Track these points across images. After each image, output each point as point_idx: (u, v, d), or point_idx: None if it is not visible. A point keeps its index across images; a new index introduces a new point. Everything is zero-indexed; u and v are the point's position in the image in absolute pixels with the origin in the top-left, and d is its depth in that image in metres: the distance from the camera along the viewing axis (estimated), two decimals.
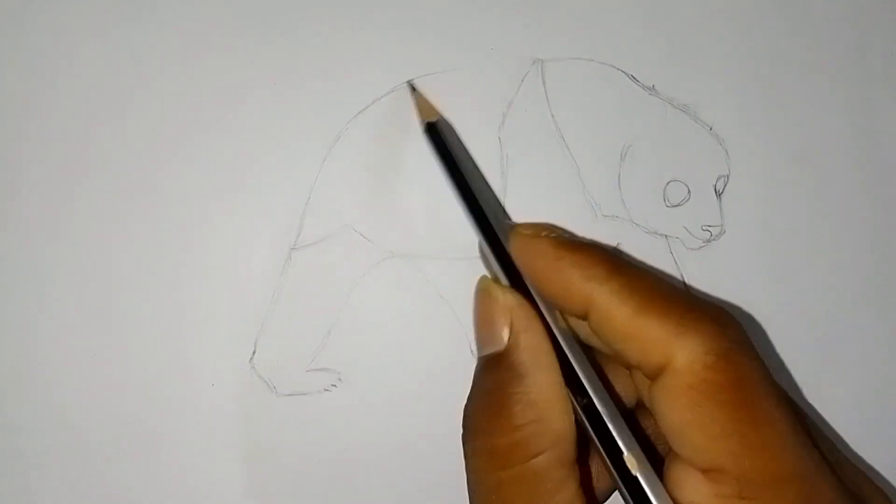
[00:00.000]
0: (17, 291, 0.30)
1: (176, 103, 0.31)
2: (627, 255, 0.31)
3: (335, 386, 0.31)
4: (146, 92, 0.31)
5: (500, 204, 0.31)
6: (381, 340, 0.31)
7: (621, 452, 0.23)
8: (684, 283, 0.31)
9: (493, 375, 0.24)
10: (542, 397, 0.23)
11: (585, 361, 0.24)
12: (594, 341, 0.25)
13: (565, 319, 0.25)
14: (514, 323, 0.24)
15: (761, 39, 0.32)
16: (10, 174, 0.30)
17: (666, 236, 0.31)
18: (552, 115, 0.31)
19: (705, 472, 0.21)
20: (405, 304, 0.31)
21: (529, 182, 0.31)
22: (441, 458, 0.31)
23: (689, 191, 0.31)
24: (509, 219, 0.31)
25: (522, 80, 0.31)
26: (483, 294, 0.25)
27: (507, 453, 0.22)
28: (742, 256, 0.31)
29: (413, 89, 0.30)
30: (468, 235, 0.31)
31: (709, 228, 0.31)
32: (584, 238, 0.31)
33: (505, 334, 0.24)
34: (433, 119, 0.29)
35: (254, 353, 0.30)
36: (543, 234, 0.25)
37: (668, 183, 0.31)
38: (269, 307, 0.30)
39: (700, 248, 0.31)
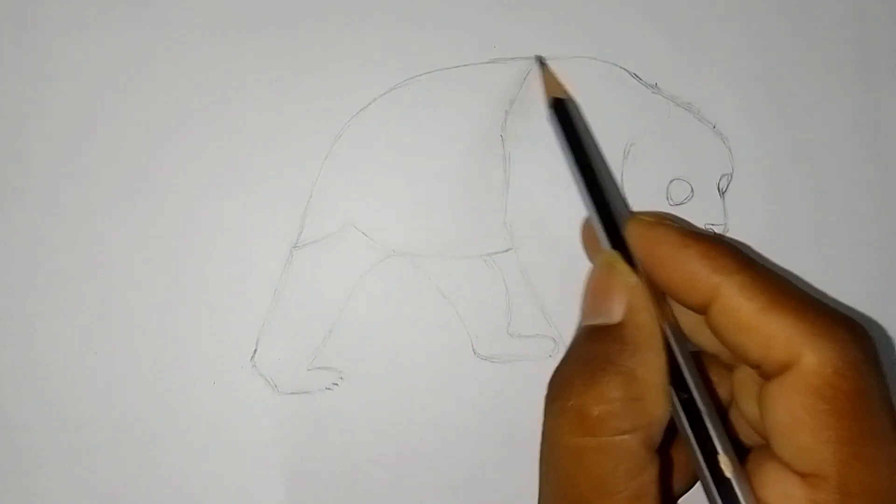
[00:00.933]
0: (19, 290, 0.30)
1: (176, 102, 0.31)
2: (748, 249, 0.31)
3: (336, 384, 0.30)
4: (146, 90, 0.31)
5: (620, 191, 0.30)
6: (383, 339, 0.31)
7: (716, 452, 0.23)
8: None
9: (600, 345, 0.23)
10: (648, 377, 0.23)
11: (689, 357, 0.24)
12: (697, 339, 0.26)
13: (672, 313, 0.25)
14: (633, 300, 0.24)
15: (765, 37, 0.32)
16: (12, 173, 0.30)
17: None
18: None
19: (804, 476, 0.21)
20: (407, 303, 0.31)
21: (532, 180, 0.31)
22: (443, 457, 0.30)
23: (692, 189, 0.31)
24: (629, 207, 0.31)
25: (524, 79, 0.31)
26: (607, 266, 0.25)
27: (598, 421, 0.22)
28: None
29: (542, 64, 0.30)
30: (470, 234, 0.31)
31: (712, 227, 0.31)
32: (707, 230, 0.31)
33: (621, 308, 0.24)
34: (561, 96, 0.28)
35: (255, 351, 0.30)
36: (666, 222, 0.25)
37: (671, 181, 0.31)
38: (271, 305, 0.30)
39: None
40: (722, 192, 0.31)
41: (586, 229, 0.29)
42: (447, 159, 0.31)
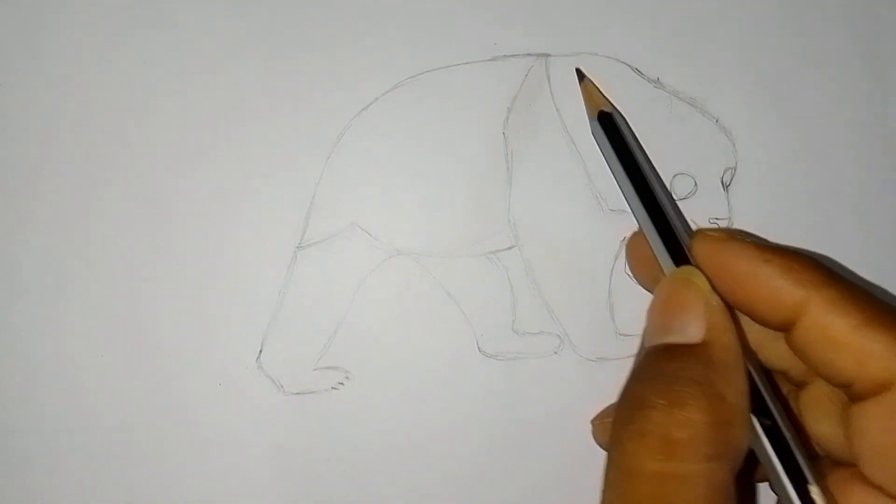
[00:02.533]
0: (26, 292, 0.30)
1: (180, 104, 0.31)
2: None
3: (342, 384, 0.31)
4: (150, 94, 0.31)
5: (677, 207, 0.29)
6: (388, 338, 0.31)
7: (807, 482, 0.22)
8: None
9: (681, 364, 0.21)
10: (735, 401, 0.21)
11: (767, 380, 0.23)
12: (762, 355, 0.25)
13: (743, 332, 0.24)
14: (715, 319, 0.22)
15: (768, 31, 0.31)
16: (20, 178, 0.31)
17: None
18: (557, 110, 0.31)
19: None
20: (411, 302, 0.31)
21: (535, 177, 0.31)
22: (448, 456, 0.30)
23: (696, 184, 0.31)
24: (688, 224, 0.30)
25: (526, 76, 0.31)
26: (683, 282, 0.23)
27: (684, 447, 0.20)
28: None
29: (581, 77, 0.29)
30: (474, 232, 0.31)
31: (716, 221, 0.31)
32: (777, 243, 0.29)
33: (701, 327, 0.22)
34: (607, 109, 0.27)
35: (260, 351, 0.30)
36: (738, 237, 0.24)
37: (674, 176, 0.31)
38: (276, 306, 0.30)
39: None
40: (726, 187, 0.31)
41: (633, 245, 0.27)
42: (450, 158, 0.31)
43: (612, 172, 0.27)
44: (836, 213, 0.31)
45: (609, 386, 0.30)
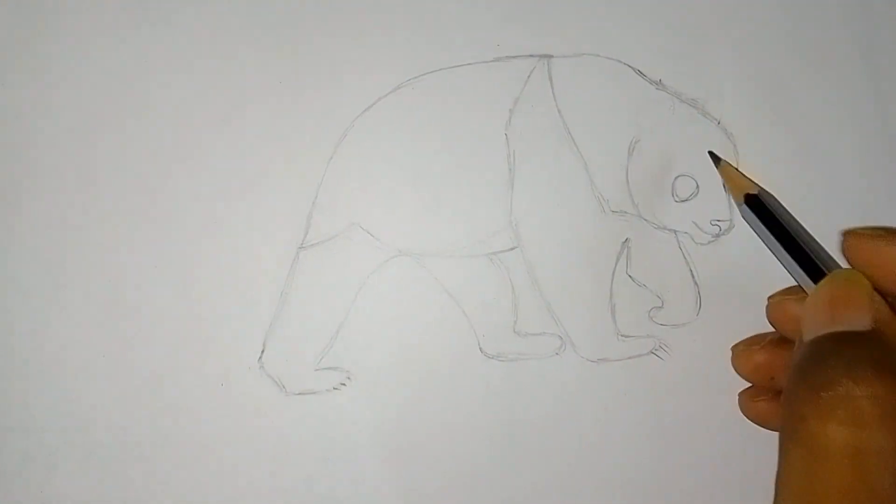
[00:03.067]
0: (29, 293, 0.30)
1: (182, 104, 0.31)
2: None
3: (344, 385, 0.31)
4: (152, 93, 0.31)
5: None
6: (390, 338, 0.31)
7: None
8: (694, 279, 0.31)
9: (858, 348, 0.22)
10: None
11: None
12: None
13: None
14: (881, 312, 0.23)
15: (769, 33, 0.31)
16: (20, 176, 0.31)
17: (675, 231, 0.31)
18: (559, 111, 0.31)
19: None
20: (413, 302, 0.31)
21: (537, 178, 0.31)
22: (450, 457, 0.30)
23: (697, 185, 0.31)
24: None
25: (529, 77, 0.31)
26: (847, 281, 0.25)
27: (875, 418, 0.20)
28: (751, 251, 0.31)
29: (717, 160, 0.30)
30: (476, 233, 0.31)
31: (718, 223, 0.31)
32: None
33: (868, 317, 0.23)
34: (753, 192, 0.28)
35: (262, 352, 0.30)
36: (885, 233, 0.25)
37: (676, 178, 0.31)
38: (277, 306, 0.30)
39: (709, 242, 0.31)
40: (727, 189, 0.31)
41: (777, 307, 0.28)
42: (452, 158, 0.31)
43: (767, 245, 0.28)
44: (838, 215, 0.31)
45: (610, 387, 0.30)
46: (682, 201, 0.31)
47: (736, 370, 0.29)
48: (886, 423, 0.20)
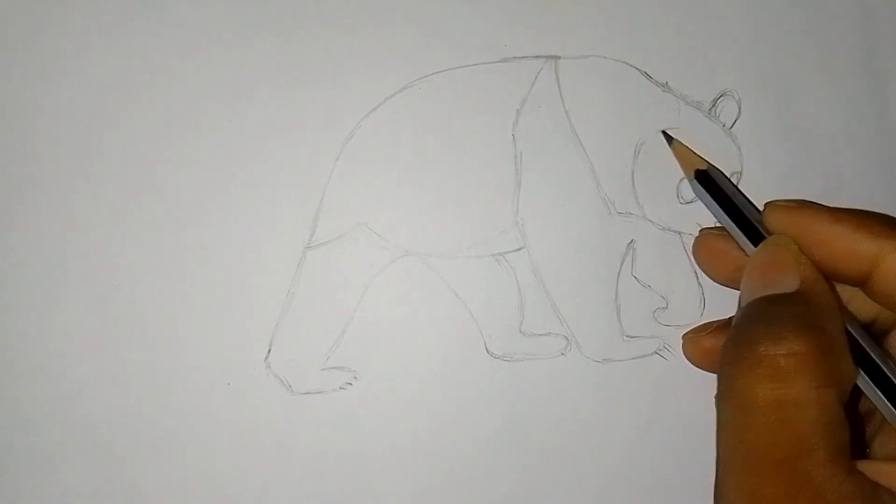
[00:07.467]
0: (32, 291, 0.30)
1: (187, 103, 0.30)
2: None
3: (350, 384, 0.31)
4: (157, 92, 0.31)
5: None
6: (396, 338, 0.31)
7: None
8: (698, 280, 0.31)
9: (784, 306, 0.24)
10: (834, 334, 0.23)
11: (862, 328, 0.25)
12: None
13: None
14: (807, 272, 0.25)
15: (775, 36, 0.32)
16: (24, 174, 0.30)
17: (680, 233, 0.31)
18: (566, 113, 0.31)
19: None
20: (419, 303, 0.31)
21: (543, 179, 0.31)
22: (456, 457, 0.31)
23: None
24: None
25: (536, 78, 0.31)
26: (777, 246, 0.26)
27: (795, 373, 0.22)
28: None
29: (670, 139, 0.30)
30: (482, 233, 0.31)
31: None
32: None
33: (797, 279, 0.24)
34: (702, 167, 0.29)
35: (269, 351, 0.30)
36: (808, 203, 0.26)
37: (681, 180, 0.31)
38: (284, 306, 0.30)
39: None
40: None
41: (703, 242, 0.29)
42: (459, 159, 0.31)
43: (719, 222, 0.29)
44: None
45: (616, 387, 0.31)
46: (688, 203, 0.31)
47: (686, 357, 0.30)
48: (805, 376, 0.22)
